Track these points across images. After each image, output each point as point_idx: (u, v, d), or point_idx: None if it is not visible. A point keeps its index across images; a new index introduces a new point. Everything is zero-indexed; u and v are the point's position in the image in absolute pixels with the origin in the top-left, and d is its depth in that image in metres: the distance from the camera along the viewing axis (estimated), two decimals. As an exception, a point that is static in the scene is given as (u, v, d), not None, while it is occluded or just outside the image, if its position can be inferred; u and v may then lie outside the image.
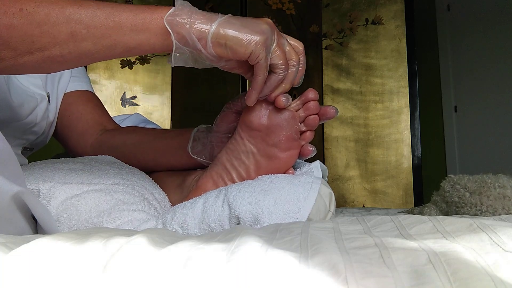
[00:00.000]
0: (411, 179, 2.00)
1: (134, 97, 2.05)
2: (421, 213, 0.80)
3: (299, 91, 0.56)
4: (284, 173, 0.56)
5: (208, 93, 2.09)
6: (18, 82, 0.67)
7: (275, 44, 0.49)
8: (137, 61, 2.06)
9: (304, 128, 0.56)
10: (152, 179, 0.67)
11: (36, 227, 0.46)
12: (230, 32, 0.47)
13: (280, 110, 0.54)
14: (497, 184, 0.68)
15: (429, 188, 1.14)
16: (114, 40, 0.46)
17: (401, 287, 0.22)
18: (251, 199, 0.49)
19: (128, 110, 2.03)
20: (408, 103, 2.03)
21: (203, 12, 0.48)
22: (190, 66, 0.51)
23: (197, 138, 0.64)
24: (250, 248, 0.26)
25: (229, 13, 0.50)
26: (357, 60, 2.14)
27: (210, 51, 0.47)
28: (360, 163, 2.09)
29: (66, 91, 0.77)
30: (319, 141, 2.13)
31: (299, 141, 0.56)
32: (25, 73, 0.50)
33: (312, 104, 0.55)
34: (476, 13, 2.23)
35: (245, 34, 0.47)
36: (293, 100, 0.55)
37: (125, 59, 2.04)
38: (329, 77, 2.17)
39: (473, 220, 0.33)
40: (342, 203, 2.07)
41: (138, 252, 0.26)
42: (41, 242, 0.27)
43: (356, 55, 2.14)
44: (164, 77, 2.08)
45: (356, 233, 0.34)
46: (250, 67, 0.51)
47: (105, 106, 0.83)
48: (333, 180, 2.11)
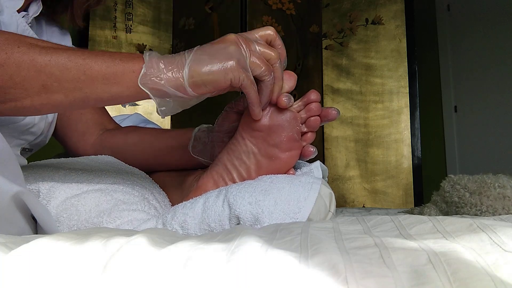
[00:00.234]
0: (411, 179, 2.00)
1: (134, 97, 2.05)
2: (421, 213, 0.81)
3: (300, 93, 0.56)
4: (285, 174, 0.56)
5: (208, 93, 2.09)
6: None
7: (248, 55, 0.48)
8: (137, 61, 2.06)
9: (306, 129, 0.56)
10: (152, 179, 0.67)
11: (36, 227, 0.46)
12: (204, 70, 0.46)
13: (282, 111, 0.54)
14: (497, 184, 0.68)
15: (429, 188, 1.14)
16: (86, 93, 0.46)
17: (401, 287, 0.22)
18: (252, 199, 0.49)
19: (128, 110, 2.03)
20: (408, 103, 2.03)
21: (171, 59, 0.47)
22: (180, 111, 0.51)
23: (198, 138, 0.64)
24: (250, 248, 0.26)
25: (229, 14, 0.50)
26: (357, 60, 2.14)
27: (192, 94, 0.47)
28: (360, 163, 2.09)
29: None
30: (319, 141, 2.13)
31: (300, 142, 0.56)
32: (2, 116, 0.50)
33: (314, 106, 0.55)
34: (476, 13, 2.23)
35: (217, 65, 0.46)
36: (295, 101, 0.55)
37: (125, 59, 2.04)
38: (329, 77, 2.17)
39: (473, 220, 0.33)
40: (342, 203, 2.07)
41: (138, 252, 0.26)
42: (41, 242, 0.27)
43: (356, 55, 2.14)
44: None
45: (356, 233, 0.34)
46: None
47: (105, 106, 0.83)
48: (333, 180, 2.11)
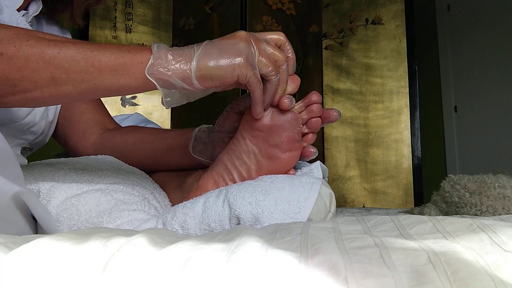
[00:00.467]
0: (411, 179, 2.00)
1: (134, 97, 2.05)
2: (421, 213, 0.80)
3: (301, 94, 0.56)
4: (285, 174, 0.56)
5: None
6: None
7: (258, 54, 0.49)
8: (137, 61, 2.06)
9: (306, 130, 0.56)
10: (153, 179, 0.67)
11: (36, 227, 0.46)
12: (211, 64, 0.46)
13: (283, 112, 0.54)
14: (497, 184, 0.68)
15: (429, 188, 1.14)
16: (95, 84, 0.46)
17: (401, 287, 0.22)
18: (252, 199, 0.49)
19: (128, 110, 2.03)
20: (408, 103, 2.03)
21: (179, 51, 0.48)
22: (185, 103, 0.51)
23: (199, 138, 0.64)
24: (250, 248, 0.26)
25: (229, 14, 0.50)
26: (357, 60, 2.14)
27: (198, 87, 0.48)
28: (360, 163, 2.09)
29: (67, 91, 0.77)
30: (319, 141, 2.13)
31: (301, 143, 0.56)
32: (10, 108, 0.51)
33: (315, 107, 0.55)
34: (476, 13, 2.23)
35: (226, 60, 0.47)
36: (296, 102, 0.55)
37: (125, 59, 2.04)
38: (329, 77, 2.17)
39: (473, 220, 0.33)
40: (342, 203, 2.07)
41: (138, 252, 0.26)
42: (41, 242, 0.27)
43: (356, 55, 2.14)
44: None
45: (356, 233, 0.34)
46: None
47: (105, 106, 0.83)
48: (333, 180, 2.11)
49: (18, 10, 0.63)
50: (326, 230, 0.35)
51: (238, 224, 0.49)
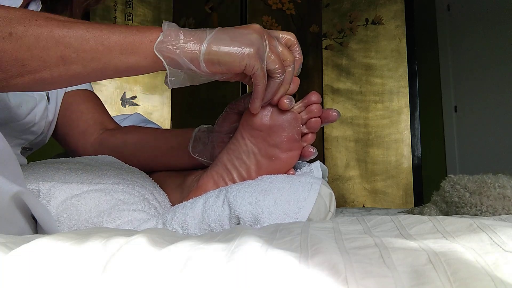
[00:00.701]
0: (411, 179, 2.00)
1: (134, 97, 2.05)
2: (421, 213, 0.80)
3: (301, 94, 0.56)
4: (285, 174, 0.56)
5: (208, 93, 2.09)
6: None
7: (268, 50, 0.49)
8: (137, 61, 2.06)
9: (306, 130, 0.56)
10: (152, 179, 0.67)
11: (36, 227, 0.46)
12: (221, 49, 0.47)
13: (283, 111, 0.54)
14: (497, 184, 0.68)
15: (429, 188, 1.14)
16: (104, 63, 0.46)
17: (401, 287, 0.22)
18: (251, 199, 0.49)
19: (128, 110, 2.03)
20: (408, 103, 2.03)
21: (191, 32, 0.48)
22: (188, 85, 0.51)
23: (198, 138, 0.64)
24: (250, 248, 0.26)
25: (229, 13, 0.50)
26: (357, 60, 2.14)
27: (204, 70, 0.48)
28: (360, 163, 2.09)
29: (67, 91, 0.77)
30: (319, 141, 2.13)
31: (300, 143, 0.56)
32: (17, 91, 0.50)
33: (315, 107, 0.55)
34: (476, 13, 2.23)
35: (237, 48, 0.47)
36: (296, 102, 0.55)
37: (125, 59, 2.04)
38: (329, 77, 2.17)
39: (473, 220, 0.33)
40: (342, 203, 2.07)
41: (138, 252, 0.26)
42: (41, 242, 0.27)
43: (356, 55, 2.14)
44: (164, 77, 2.08)
45: (356, 233, 0.34)
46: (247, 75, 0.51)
47: (105, 106, 0.83)
48: (333, 180, 2.11)
49: (18, 10, 0.63)
50: (326, 230, 0.35)
51: (238, 224, 0.49)
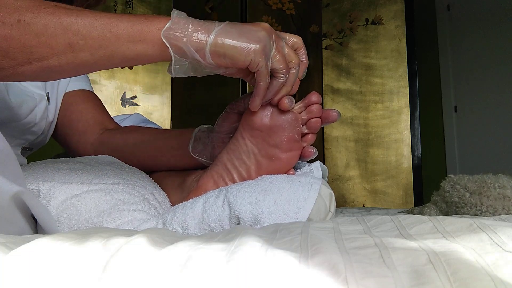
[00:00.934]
0: (411, 179, 2.00)
1: (134, 97, 2.05)
2: (421, 213, 0.80)
3: (301, 94, 0.56)
4: (285, 174, 0.56)
5: (208, 94, 2.10)
6: (17, 83, 0.67)
7: (274, 49, 0.49)
8: (137, 61, 2.06)
9: (306, 131, 0.56)
10: (152, 179, 0.67)
11: (36, 227, 0.46)
12: (228, 42, 0.47)
13: (283, 112, 0.54)
14: (497, 184, 0.68)
15: (429, 188, 1.14)
16: (112, 51, 0.47)
17: (401, 287, 0.22)
18: (251, 199, 0.49)
19: (128, 110, 2.03)
20: (408, 103, 2.03)
21: (200, 22, 0.48)
22: (191, 76, 0.51)
23: (198, 138, 0.64)
24: (250, 248, 0.26)
25: (230, 13, 0.50)
26: (357, 60, 2.14)
27: (209, 61, 0.48)
28: (360, 163, 2.09)
29: (66, 91, 0.77)
30: (319, 141, 2.13)
31: (301, 143, 0.56)
32: (24, 81, 0.50)
33: (315, 107, 0.55)
34: (476, 13, 2.23)
35: (244, 43, 0.47)
36: (296, 103, 0.55)
37: (125, 59, 2.04)
38: (329, 77, 2.17)
39: (473, 220, 0.33)
40: (342, 203, 2.07)
41: (138, 252, 0.26)
42: (41, 242, 0.27)
43: (356, 55, 2.14)
44: (164, 77, 2.08)
45: (356, 233, 0.34)
46: (251, 71, 0.51)
47: (105, 106, 0.83)
48: (333, 180, 2.11)
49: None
50: (326, 230, 0.35)
51: (238, 224, 0.49)
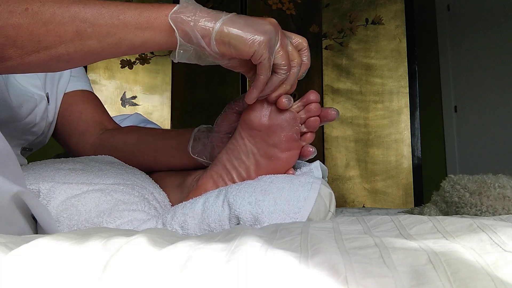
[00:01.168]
0: (411, 179, 2.00)
1: (134, 97, 2.05)
2: (421, 213, 0.80)
3: (300, 93, 0.56)
4: (284, 174, 0.56)
5: (208, 93, 2.09)
6: (17, 83, 0.67)
7: (279, 45, 0.50)
8: (137, 61, 2.06)
9: (305, 130, 0.56)
10: (152, 179, 0.67)
11: (36, 227, 0.46)
12: (234, 31, 0.47)
13: (281, 111, 0.54)
14: (497, 184, 0.68)
15: (429, 188, 1.14)
16: (119, 38, 0.47)
17: (401, 287, 0.22)
18: (251, 199, 0.49)
19: (128, 110, 2.03)
20: (408, 103, 2.03)
21: (208, 10, 0.48)
22: (193, 63, 0.51)
23: (198, 138, 0.64)
24: (250, 248, 0.26)
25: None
26: (357, 60, 2.14)
27: (214, 49, 0.48)
28: (360, 163, 2.09)
29: (66, 91, 0.77)
30: (319, 141, 2.13)
31: (300, 142, 0.56)
32: (32, 72, 0.50)
33: (314, 106, 0.55)
34: (476, 13, 2.23)
35: (249, 34, 0.47)
36: (295, 102, 0.55)
37: (125, 59, 2.04)
38: (329, 77, 2.17)
39: (473, 220, 0.33)
40: (342, 203, 2.07)
41: (138, 252, 0.26)
42: (41, 242, 0.27)
43: (356, 55, 2.14)
44: (164, 77, 2.08)
45: (356, 233, 0.34)
46: (252, 66, 0.51)
47: (105, 106, 0.83)
48: (333, 180, 2.11)
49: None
50: (326, 230, 0.35)
51: (238, 224, 0.49)
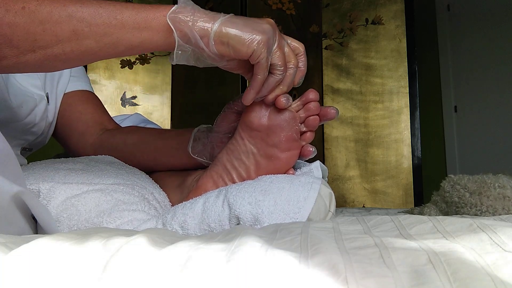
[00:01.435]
0: (411, 179, 2.00)
1: (134, 97, 2.05)
2: (421, 213, 0.80)
3: (300, 92, 0.56)
4: (284, 174, 0.56)
5: (208, 93, 2.09)
6: (17, 83, 0.67)
7: (276, 45, 0.50)
8: (137, 61, 2.06)
9: (305, 129, 0.56)
10: (152, 179, 0.67)
11: (36, 227, 0.46)
12: (233, 31, 0.47)
13: (281, 111, 0.54)
14: (497, 184, 0.68)
15: (429, 188, 1.14)
16: (117, 38, 0.47)
17: (401, 287, 0.22)
18: (251, 199, 0.49)
19: (128, 110, 2.03)
20: (408, 103, 2.03)
21: (206, 11, 0.48)
22: (191, 65, 0.51)
23: (198, 138, 0.64)
24: (250, 248, 0.26)
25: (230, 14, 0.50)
26: (357, 60, 2.14)
27: (213, 50, 0.48)
28: (360, 163, 2.09)
29: (66, 91, 0.77)
30: (319, 141, 2.13)
31: (299, 142, 0.56)
32: (28, 72, 0.50)
33: (313, 105, 0.55)
34: (476, 13, 2.23)
35: (248, 33, 0.47)
36: (294, 101, 0.55)
37: (125, 59, 2.04)
38: (329, 77, 2.17)
39: (473, 220, 0.33)
40: (342, 203, 2.07)
41: (138, 252, 0.26)
42: (41, 242, 0.27)
43: (356, 55, 2.14)
44: (164, 77, 2.08)
45: (356, 233, 0.34)
46: (251, 68, 0.51)
47: (105, 106, 0.83)
48: (333, 180, 2.11)
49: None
50: (326, 230, 0.35)
51: (238, 224, 0.49)
